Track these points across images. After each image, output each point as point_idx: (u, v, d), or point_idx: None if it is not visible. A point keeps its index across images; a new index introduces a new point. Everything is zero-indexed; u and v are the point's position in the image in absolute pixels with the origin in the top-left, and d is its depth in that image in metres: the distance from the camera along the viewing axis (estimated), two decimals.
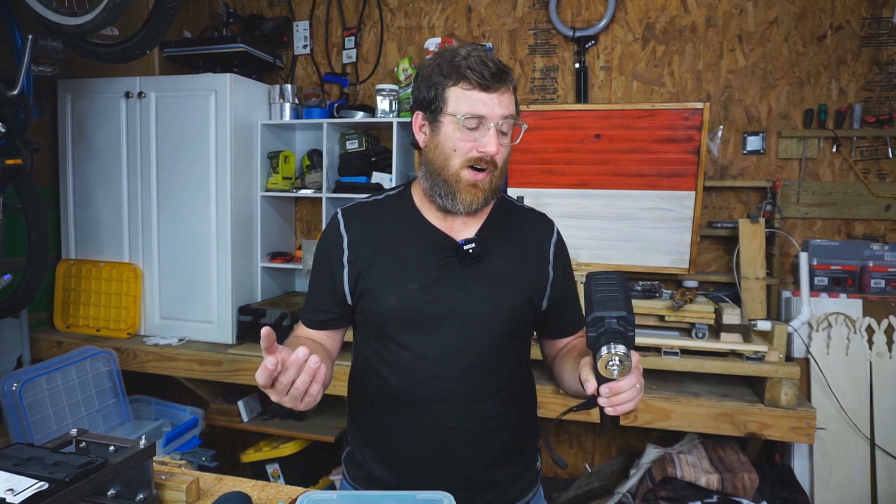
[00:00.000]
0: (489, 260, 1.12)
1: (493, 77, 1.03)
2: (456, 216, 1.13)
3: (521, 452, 1.19)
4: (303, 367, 0.87)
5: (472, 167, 1.06)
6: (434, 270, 1.10)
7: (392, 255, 1.12)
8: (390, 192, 1.22)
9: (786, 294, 2.49)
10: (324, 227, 2.86)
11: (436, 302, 1.08)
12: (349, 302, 1.15)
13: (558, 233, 1.23)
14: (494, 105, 1.04)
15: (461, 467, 1.11)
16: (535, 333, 1.27)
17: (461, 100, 1.05)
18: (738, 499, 2.02)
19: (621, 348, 0.86)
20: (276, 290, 2.98)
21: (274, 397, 0.89)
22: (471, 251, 1.10)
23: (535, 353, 1.29)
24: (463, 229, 1.14)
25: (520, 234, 1.18)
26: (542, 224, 1.23)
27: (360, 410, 1.20)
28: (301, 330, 1.22)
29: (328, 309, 1.17)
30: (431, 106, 1.08)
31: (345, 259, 1.14)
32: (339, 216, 1.18)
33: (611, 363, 0.86)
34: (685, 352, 2.15)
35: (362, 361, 1.19)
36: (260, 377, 0.85)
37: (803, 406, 2.05)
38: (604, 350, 0.87)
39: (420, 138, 1.13)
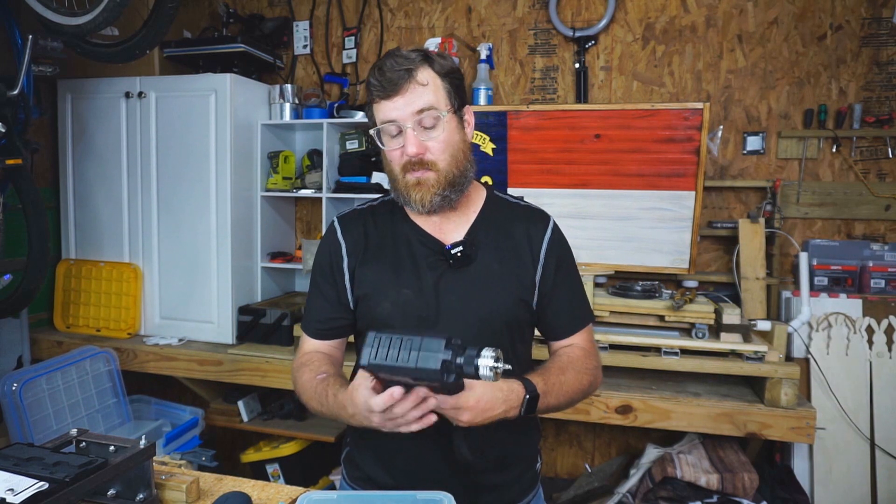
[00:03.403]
0: (480, 261, 1.11)
1: (389, 83, 1.03)
2: (441, 217, 1.14)
3: (520, 455, 1.19)
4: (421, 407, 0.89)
5: (410, 170, 1.07)
6: (427, 275, 1.10)
7: (386, 260, 1.12)
8: (384, 198, 1.23)
9: (786, 294, 2.49)
10: (324, 227, 2.87)
11: (430, 306, 1.08)
12: (352, 307, 1.16)
13: (554, 227, 1.19)
14: (401, 107, 1.04)
15: (459, 470, 1.10)
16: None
17: (377, 113, 1.08)
18: (738, 499, 2.02)
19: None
20: (276, 290, 2.98)
21: (377, 419, 0.91)
22: (458, 254, 1.09)
23: (537, 353, 1.29)
24: (452, 230, 1.14)
25: (513, 232, 1.16)
26: (536, 219, 1.19)
27: None
28: (309, 344, 1.20)
29: (338, 316, 1.17)
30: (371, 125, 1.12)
31: (345, 266, 1.15)
32: (336, 224, 1.19)
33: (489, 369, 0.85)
34: (685, 352, 2.15)
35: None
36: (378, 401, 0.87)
37: (803, 406, 2.05)
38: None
39: None
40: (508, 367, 0.85)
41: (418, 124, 1.04)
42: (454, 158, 1.09)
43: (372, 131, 1.09)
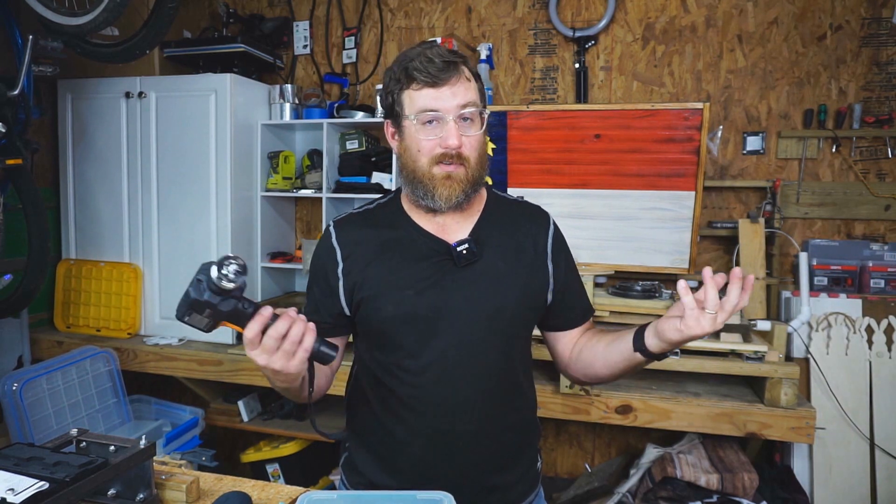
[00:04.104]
0: (485, 259, 1.11)
1: (439, 72, 1.04)
2: (446, 217, 1.13)
3: (522, 454, 1.19)
4: (295, 320, 0.89)
5: (440, 162, 1.06)
6: (429, 275, 1.09)
7: (386, 262, 1.11)
8: (381, 200, 1.22)
9: (786, 294, 2.49)
10: (323, 227, 2.87)
11: (432, 306, 1.08)
12: (347, 313, 1.15)
13: (555, 224, 1.22)
14: (447, 98, 1.04)
15: (463, 471, 1.11)
16: (540, 333, 1.26)
17: (414, 100, 1.06)
18: (737, 499, 2.02)
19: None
20: (277, 290, 2.98)
21: (261, 359, 0.89)
22: (464, 252, 1.09)
23: (536, 353, 1.29)
24: (456, 230, 1.13)
25: (516, 231, 1.17)
26: (537, 217, 1.21)
27: (361, 417, 1.19)
28: None
29: (325, 321, 1.16)
30: (393, 112, 1.11)
31: (339, 271, 1.13)
32: (331, 228, 1.18)
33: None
34: (685, 352, 2.15)
35: (363, 368, 1.19)
36: (251, 328, 0.87)
37: (803, 406, 2.05)
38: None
39: (393, 146, 1.14)
40: (236, 265, 0.85)
41: (459, 118, 1.05)
42: (481, 158, 1.10)
43: (411, 118, 1.06)
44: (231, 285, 0.85)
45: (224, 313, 0.87)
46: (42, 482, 0.82)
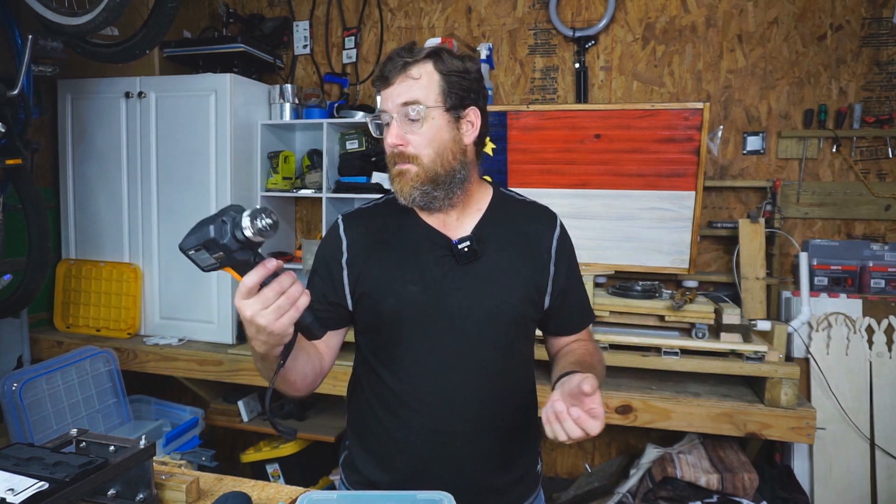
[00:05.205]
0: (488, 257, 1.11)
1: (385, 73, 1.08)
2: (446, 214, 1.13)
3: (521, 456, 1.18)
4: (296, 280, 0.85)
5: (396, 161, 1.09)
6: (432, 270, 1.09)
7: (390, 256, 1.12)
8: (390, 196, 1.22)
9: (786, 294, 2.49)
10: (324, 227, 2.88)
11: (434, 302, 1.08)
12: (348, 305, 1.15)
13: (562, 227, 1.21)
14: (391, 97, 1.07)
15: (461, 471, 1.10)
16: (540, 332, 1.26)
17: (379, 102, 1.12)
18: (738, 499, 2.02)
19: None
20: None
21: (250, 310, 0.81)
22: (465, 250, 1.09)
23: (537, 353, 1.28)
24: (458, 227, 1.14)
25: (521, 230, 1.16)
26: (544, 218, 1.20)
27: (360, 415, 1.19)
28: None
29: (322, 308, 1.15)
30: None
31: (343, 262, 1.14)
32: (340, 220, 1.19)
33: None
34: (685, 352, 2.15)
35: (363, 364, 1.18)
36: (251, 276, 0.80)
37: (803, 406, 2.05)
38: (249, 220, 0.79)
39: None
40: (270, 220, 0.79)
41: (404, 117, 1.06)
42: (439, 156, 1.07)
43: (368, 118, 1.13)
44: (259, 239, 0.80)
45: (235, 261, 0.81)
46: (42, 482, 0.82)
